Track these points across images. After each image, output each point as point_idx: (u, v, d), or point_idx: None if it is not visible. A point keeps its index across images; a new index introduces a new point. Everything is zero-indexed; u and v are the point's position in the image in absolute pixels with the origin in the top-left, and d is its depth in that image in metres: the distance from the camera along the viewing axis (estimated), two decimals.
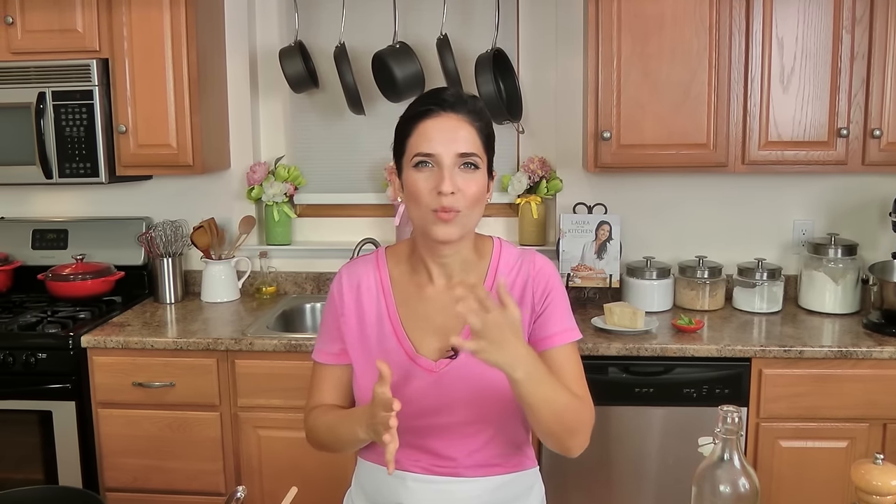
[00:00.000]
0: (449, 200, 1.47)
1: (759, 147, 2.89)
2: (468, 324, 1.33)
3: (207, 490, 2.89)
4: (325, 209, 3.55)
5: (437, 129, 1.50)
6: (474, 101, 1.56)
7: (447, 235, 1.51)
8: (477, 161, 1.51)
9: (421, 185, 1.50)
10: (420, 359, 1.58)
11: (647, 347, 2.69)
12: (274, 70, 3.35)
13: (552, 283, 1.62)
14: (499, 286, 1.37)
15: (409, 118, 1.54)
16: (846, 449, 2.68)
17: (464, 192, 1.49)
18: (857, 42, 2.80)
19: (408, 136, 1.53)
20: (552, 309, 1.60)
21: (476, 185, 1.51)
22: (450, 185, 1.47)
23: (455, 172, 1.49)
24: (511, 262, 1.63)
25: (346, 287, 1.65)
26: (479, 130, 1.53)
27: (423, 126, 1.51)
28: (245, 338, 2.82)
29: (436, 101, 1.53)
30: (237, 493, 1.54)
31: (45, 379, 2.85)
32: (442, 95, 1.54)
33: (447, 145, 1.49)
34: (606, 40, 2.88)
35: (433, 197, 1.48)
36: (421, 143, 1.50)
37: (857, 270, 3.03)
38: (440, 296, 1.60)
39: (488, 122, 1.57)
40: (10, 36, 3.06)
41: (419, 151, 1.50)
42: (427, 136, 1.50)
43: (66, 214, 3.55)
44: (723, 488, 1.31)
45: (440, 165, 1.49)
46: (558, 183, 3.31)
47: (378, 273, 1.65)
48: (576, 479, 2.76)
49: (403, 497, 1.59)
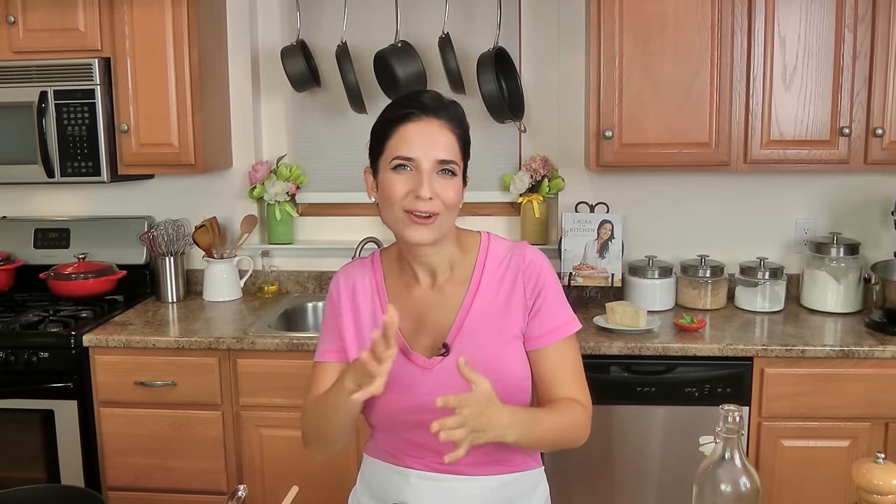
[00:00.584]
0: (426, 205, 1.49)
1: (762, 146, 2.89)
2: (452, 439, 1.35)
3: (209, 489, 2.89)
4: (327, 208, 3.55)
5: (417, 133, 1.51)
6: (455, 107, 1.57)
7: (421, 238, 1.52)
8: (455, 168, 1.53)
9: (397, 187, 1.51)
10: (413, 355, 1.59)
11: (648, 347, 2.69)
12: (276, 69, 3.35)
13: (543, 276, 1.61)
14: (459, 366, 1.37)
15: (389, 120, 1.54)
16: (848, 448, 2.67)
17: (441, 197, 1.50)
18: (860, 41, 2.79)
19: (387, 137, 1.54)
20: (547, 305, 1.60)
21: (453, 191, 1.52)
22: (428, 191, 1.48)
23: (433, 178, 1.50)
24: (500, 257, 1.63)
25: (343, 289, 1.67)
26: (458, 137, 1.54)
27: (404, 129, 1.52)
28: (247, 337, 2.82)
29: (417, 105, 1.53)
30: (238, 492, 1.54)
31: (46, 378, 2.85)
32: (422, 99, 1.54)
33: (427, 150, 1.50)
34: (608, 39, 2.87)
35: (409, 199, 1.50)
36: (401, 147, 1.51)
37: (859, 269, 3.03)
38: (427, 294, 1.62)
39: (467, 128, 1.58)
40: (12, 35, 3.06)
41: (399, 154, 1.50)
42: (407, 139, 1.51)
43: (68, 213, 3.56)
44: (724, 487, 1.30)
45: (419, 170, 1.50)
46: (560, 182, 3.30)
47: (373, 275, 1.67)
48: (578, 478, 2.76)
49: (407, 494, 1.59)
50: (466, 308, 1.59)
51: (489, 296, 1.60)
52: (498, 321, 1.59)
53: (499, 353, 1.57)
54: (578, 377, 1.62)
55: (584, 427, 1.59)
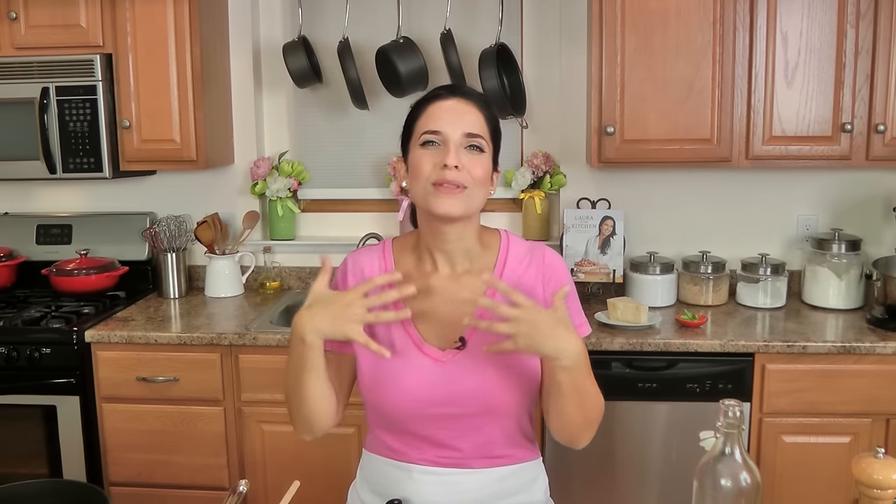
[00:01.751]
0: (453, 174, 1.48)
1: (763, 142, 2.89)
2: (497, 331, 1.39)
3: (211, 484, 2.89)
4: (329, 204, 3.55)
5: (445, 110, 1.53)
6: (485, 96, 1.62)
7: (449, 208, 1.50)
8: (482, 144, 1.53)
9: (425, 160, 1.51)
10: (427, 347, 1.56)
11: (650, 342, 2.69)
12: (277, 65, 3.35)
13: (564, 280, 1.62)
14: (491, 282, 1.45)
15: (419, 103, 1.58)
16: (849, 444, 2.67)
17: (469, 170, 1.50)
18: (862, 37, 2.79)
19: (416, 118, 1.56)
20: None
21: (481, 168, 1.52)
22: (454, 159, 1.49)
23: (461, 151, 1.51)
24: (520, 256, 1.63)
25: (350, 274, 1.65)
26: (486, 118, 1.56)
27: (432, 107, 1.54)
28: (249, 333, 2.82)
29: (446, 88, 1.58)
30: (239, 488, 1.54)
31: (49, 374, 2.86)
32: (454, 85, 1.61)
33: (454, 125, 1.51)
34: (610, 35, 2.87)
35: (435, 171, 1.50)
36: (429, 122, 1.53)
37: (860, 266, 3.03)
38: (445, 285, 1.60)
39: (496, 116, 1.60)
40: (14, 31, 3.06)
41: (426, 129, 1.52)
42: (435, 115, 1.53)
43: (70, 209, 3.56)
44: (724, 482, 1.30)
45: (446, 143, 1.50)
46: (562, 178, 3.30)
47: (383, 262, 1.64)
48: (579, 473, 2.76)
49: (410, 489, 1.58)
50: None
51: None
52: None
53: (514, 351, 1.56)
54: (591, 377, 1.60)
55: (598, 419, 1.57)
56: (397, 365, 1.55)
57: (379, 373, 1.57)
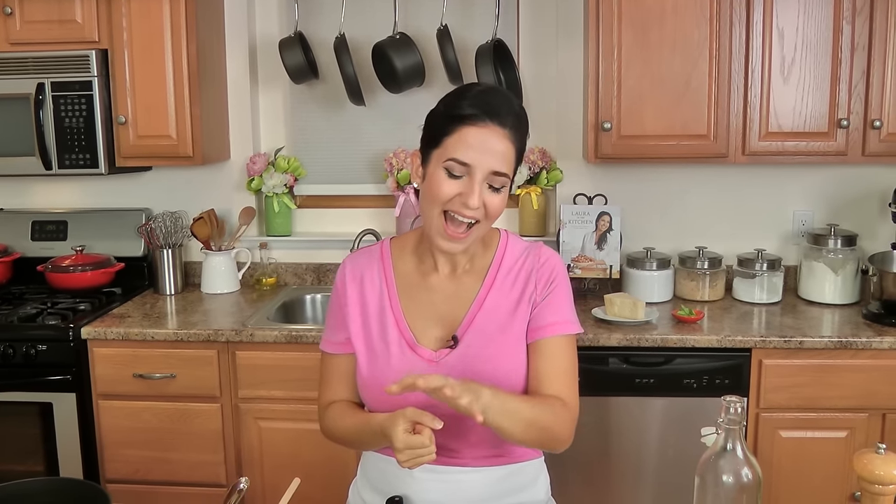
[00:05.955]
0: (471, 213, 1.50)
1: (760, 138, 2.89)
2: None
3: (208, 481, 2.89)
4: (326, 200, 3.55)
5: (477, 138, 1.48)
6: (522, 115, 1.56)
7: (450, 248, 1.54)
8: (506, 182, 1.52)
9: (445, 188, 1.49)
10: (420, 348, 1.59)
11: (647, 338, 2.69)
12: (274, 61, 3.34)
13: (556, 274, 1.62)
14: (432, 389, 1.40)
15: (454, 117, 1.50)
16: (846, 439, 2.69)
17: (488, 207, 1.51)
18: (858, 33, 2.79)
19: (446, 133, 1.50)
20: (552, 299, 1.61)
21: (500, 202, 1.53)
22: (477, 201, 1.48)
23: (484, 188, 1.49)
24: (516, 255, 1.64)
25: (350, 278, 1.67)
26: (516, 150, 1.53)
27: (466, 132, 1.48)
28: (245, 329, 2.82)
29: (485, 108, 1.49)
30: (239, 485, 1.54)
31: (45, 371, 2.85)
32: (492, 101, 1.50)
33: (483, 159, 1.48)
34: (607, 31, 2.87)
35: (455, 202, 1.49)
36: (458, 149, 1.48)
37: (856, 261, 3.04)
38: (443, 284, 1.63)
39: (525, 132, 1.57)
40: (9, 26, 3.05)
41: (455, 157, 1.48)
42: (465, 142, 1.48)
43: (66, 206, 3.55)
44: (726, 478, 1.31)
45: (472, 177, 1.48)
46: (559, 174, 3.30)
47: (382, 264, 1.66)
48: (576, 469, 2.77)
49: (411, 487, 1.59)
50: (479, 302, 1.60)
51: (503, 292, 1.61)
52: (508, 319, 1.59)
53: (502, 352, 1.58)
54: (568, 379, 1.60)
55: (564, 425, 1.55)
56: (390, 366, 1.58)
57: (372, 374, 1.60)
